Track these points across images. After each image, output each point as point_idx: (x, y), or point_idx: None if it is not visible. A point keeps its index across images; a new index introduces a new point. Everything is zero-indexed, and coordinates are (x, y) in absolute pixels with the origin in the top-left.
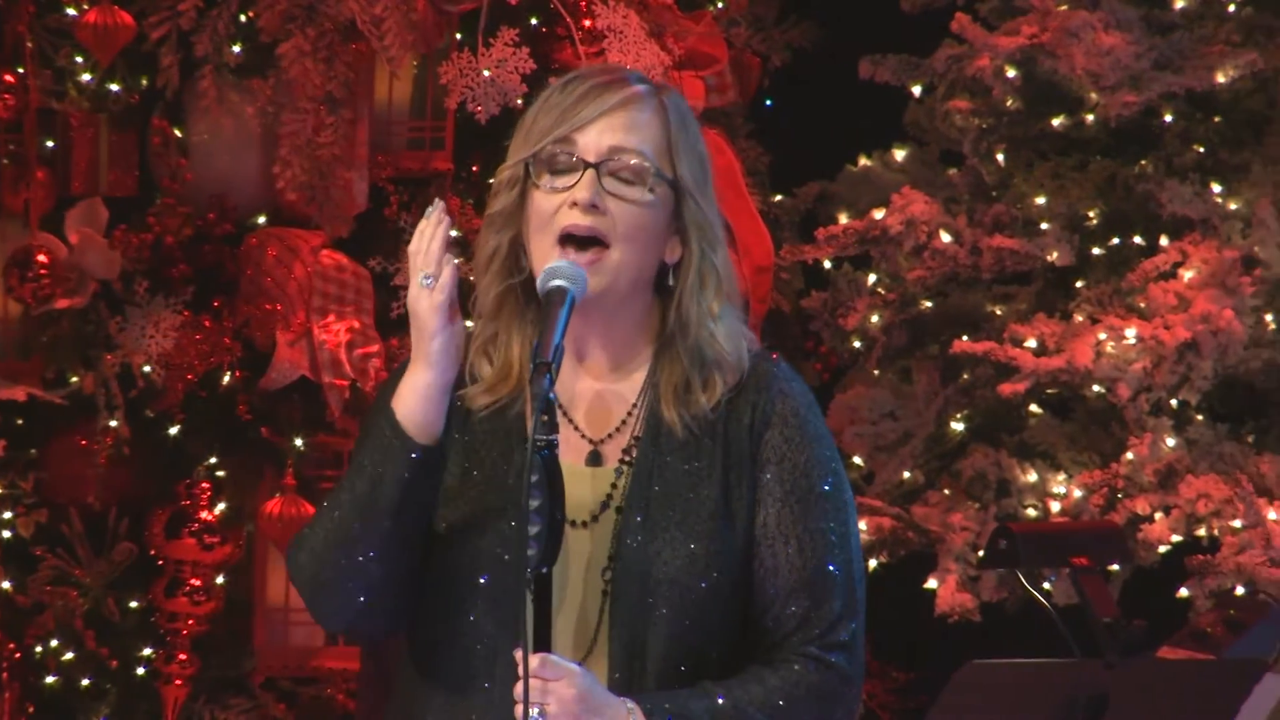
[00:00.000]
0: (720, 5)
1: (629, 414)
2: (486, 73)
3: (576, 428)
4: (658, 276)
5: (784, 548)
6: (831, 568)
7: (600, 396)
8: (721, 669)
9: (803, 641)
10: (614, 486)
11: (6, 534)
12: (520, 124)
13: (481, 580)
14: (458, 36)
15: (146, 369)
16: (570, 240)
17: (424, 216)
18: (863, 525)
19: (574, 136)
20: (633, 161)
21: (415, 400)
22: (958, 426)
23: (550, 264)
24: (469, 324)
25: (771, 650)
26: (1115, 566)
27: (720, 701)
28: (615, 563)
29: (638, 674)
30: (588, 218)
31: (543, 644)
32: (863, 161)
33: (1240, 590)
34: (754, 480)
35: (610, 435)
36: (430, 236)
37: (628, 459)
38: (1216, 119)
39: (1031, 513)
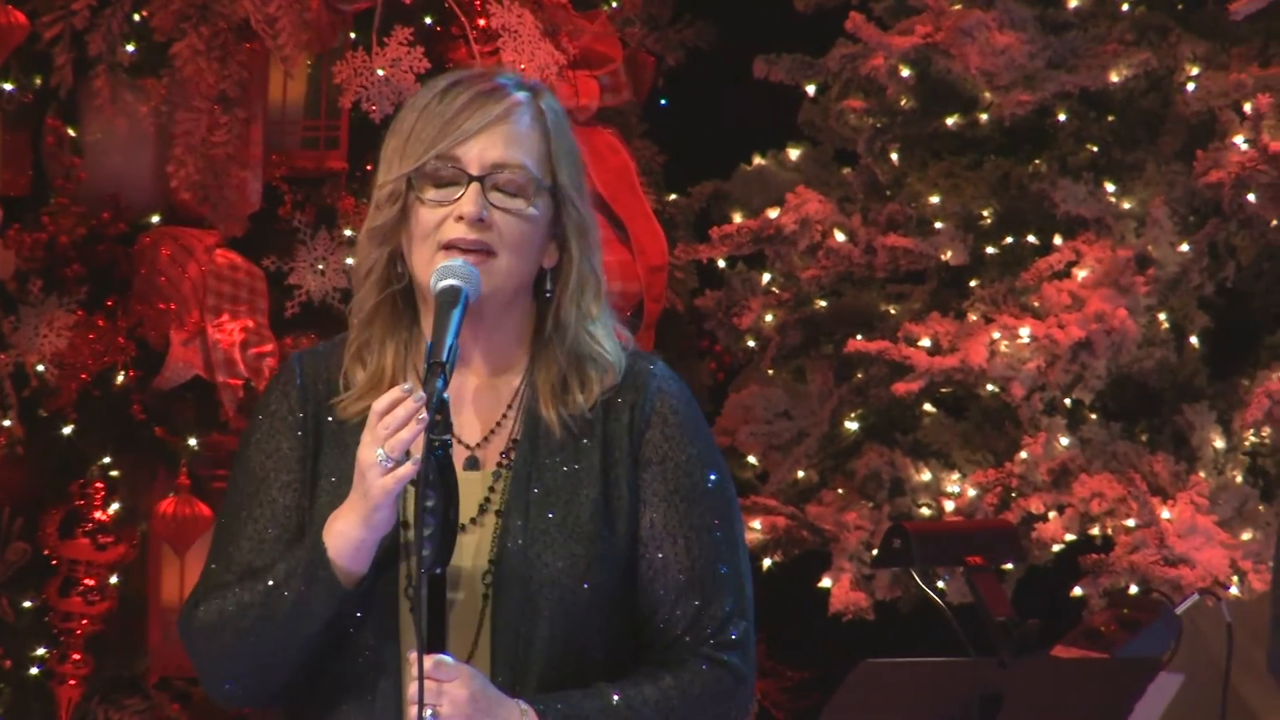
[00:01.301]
0: (615, 4)
1: (504, 417)
2: (381, 72)
3: (453, 437)
4: (535, 281)
5: (671, 548)
6: (720, 566)
7: (476, 401)
8: (608, 670)
9: (695, 641)
10: (492, 490)
11: None
12: (395, 130)
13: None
14: (352, 36)
15: (40, 368)
16: (454, 252)
17: (403, 389)
18: (756, 525)
19: (457, 150)
20: (517, 175)
21: (349, 550)
22: (852, 426)
23: (444, 263)
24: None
25: (664, 650)
26: (1009, 565)
27: (615, 701)
28: (496, 566)
29: (520, 676)
30: (473, 231)
31: (436, 646)
32: (757, 161)
33: (1134, 589)
34: (635, 481)
35: (487, 439)
36: (402, 422)
37: (506, 462)
38: (1110, 118)
39: (925, 512)
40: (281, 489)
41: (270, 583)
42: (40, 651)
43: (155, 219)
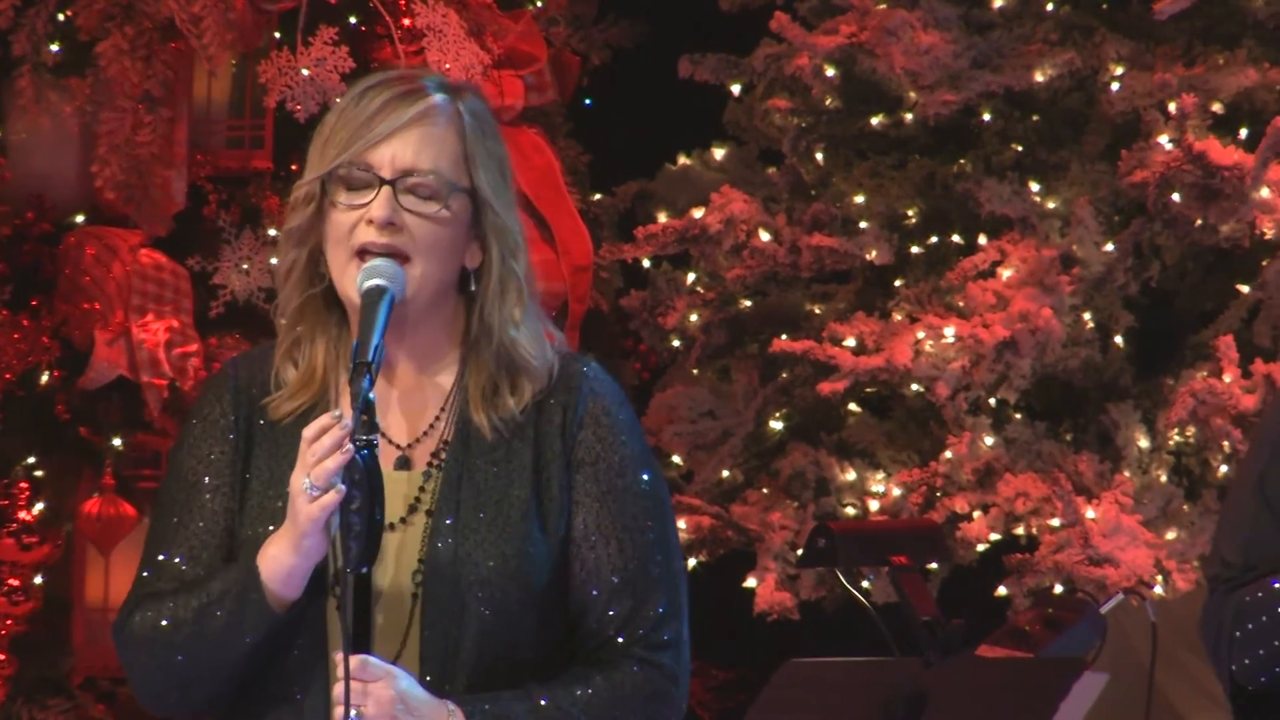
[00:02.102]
0: (539, 4)
1: (437, 418)
2: (305, 71)
3: (383, 433)
4: (462, 280)
5: (604, 548)
6: (653, 567)
7: (407, 401)
8: (539, 670)
9: (628, 642)
10: (423, 490)
11: None
12: (318, 131)
13: None
14: (277, 35)
15: None
16: (368, 255)
17: (332, 416)
18: (682, 524)
19: (368, 154)
20: (428, 179)
21: (281, 575)
22: (777, 425)
23: (370, 263)
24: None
25: (596, 651)
26: (934, 565)
27: (543, 703)
28: (425, 565)
29: (449, 676)
30: (384, 235)
31: (361, 645)
32: (682, 160)
33: (1058, 589)
34: (567, 482)
35: (418, 439)
36: (328, 452)
37: (437, 462)
38: (1035, 118)
39: (850, 511)
40: (212, 494)
41: (204, 601)
42: None
43: (80, 219)
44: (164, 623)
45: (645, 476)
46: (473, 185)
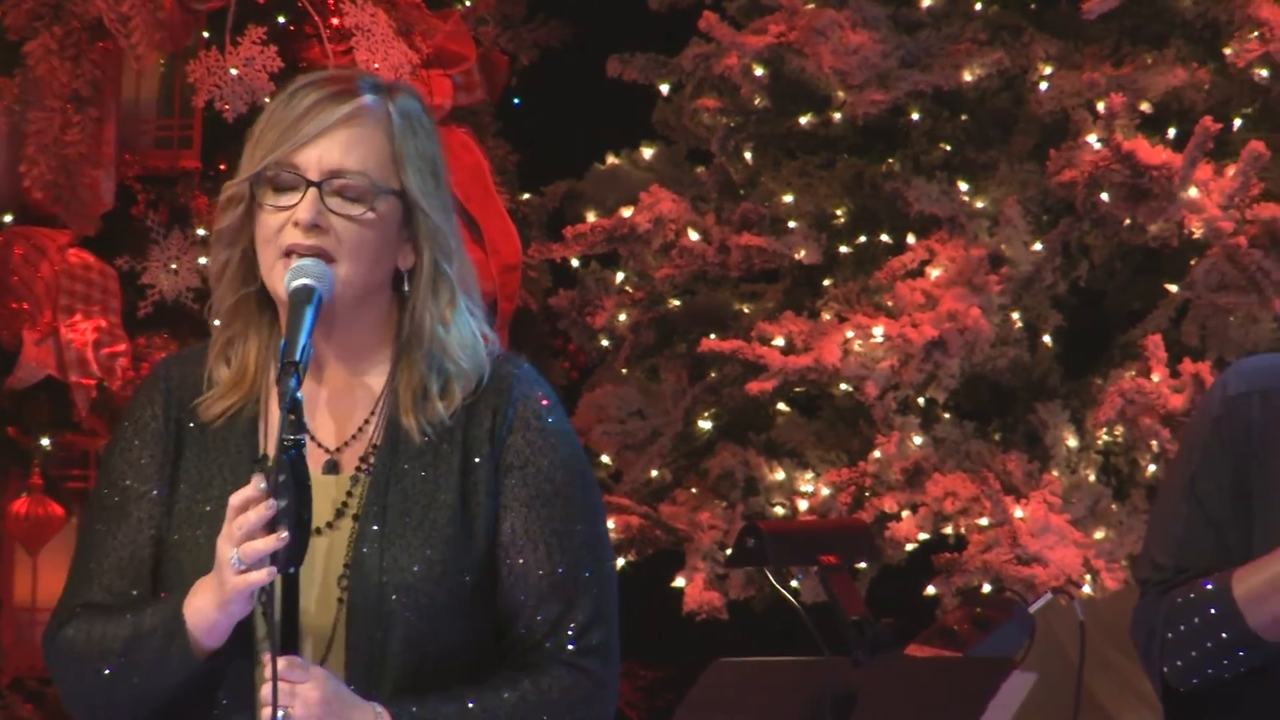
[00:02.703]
0: (468, 4)
1: (366, 421)
2: (234, 71)
3: (312, 436)
4: (396, 280)
5: (533, 553)
6: (583, 571)
7: (336, 403)
8: (468, 674)
9: (556, 646)
10: (350, 494)
11: None
12: (251, 133)
13: None
14: (205, 35)
15: None
16: (295, 255)
17: (259, 488)
18: (611, 524)
19: (295, 156)
20: (355, 181)
21: (204, 626)
22: (705, 425)
23: (296, 262)
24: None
25: (525, 655)
26: (863, 564)
27: (470, 706)
28: (351, 570)
29: (375, 681)
30: (310, 237)
31: (289, 646)
32: (611, 160)
33: (987, 588)
34: (496, 486)
35: (347, 443)
36: (255, 528)
37: (365, 466)
38: (963, 117)
39: (779, 511)
40: (138, 500)
41: (132, 633)
42: None
43: (8, 218)
44: (93, 646)
45: (575, 480)
46: (402, 187)
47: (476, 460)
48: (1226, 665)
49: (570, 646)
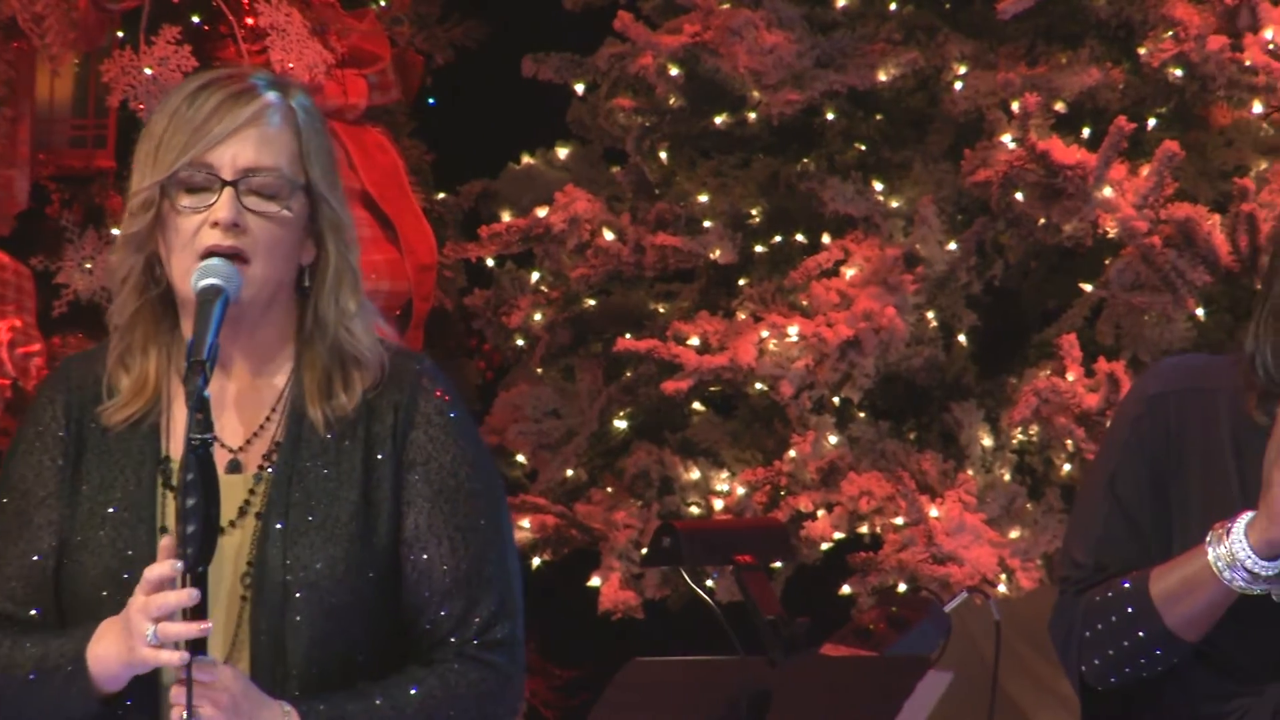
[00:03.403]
0: (383, 3)
1: (268, 419)
2: (149, 70)
3: (216, 436)
4: (297, 277)
5: (436, 549)
6: (486, 567)
7: (241, 403)
8: (373, 671)
9: (461, 642)
10: (253, 493)
11: None
12: (146, 134)
13: (104, 594)
14: (120, 34)
15: None
16: (213, 257)
17: (174, 567)
18: (525, 524)
19: (208, 156)
20: (270, 178)
21: (107, 675)
22: (621, 424)
23: (204, 262)
24: None
25: (430, 651)
26: (778, 564)
27: (378, 703)
28: (255, 569)
29: (280, 680)
30: (229, 237)
31: (196, 647)
32: (526, 159)
33: (902, 587)
34: (399, 482)
35: (249, 441)
36: (171, 610)
37: (268, 464)
38: (878, 117)
39: (695, 510)
40: (40, 506)
41: (36, 662)
42: None
43: None
44: (1, 664)
45: (478, 476)
46: (309, 181)
47: (379, 457)
48: (1143, 664)
49: (476, 641)
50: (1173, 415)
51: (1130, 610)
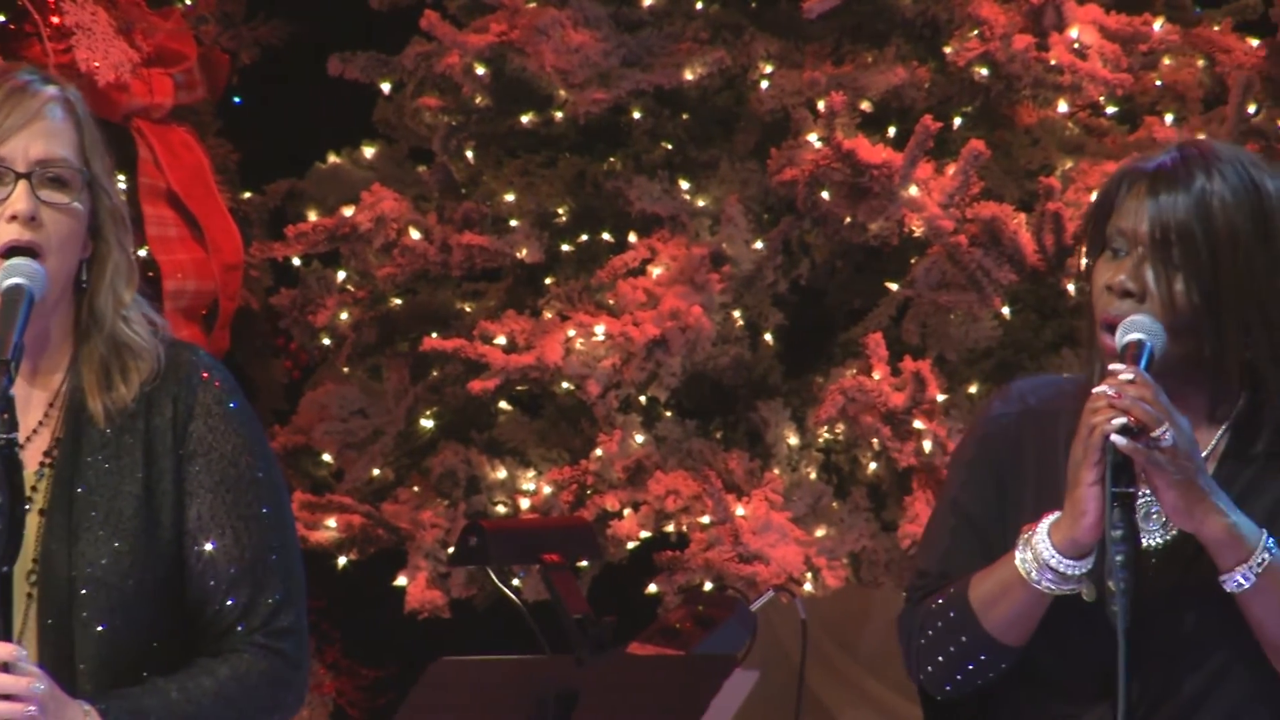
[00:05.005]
0: (189, 2)
1: (47, 415)
2: None
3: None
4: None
5: (220, 538)
6: (270, 555)
7: (20, 400)
8: (164, 664)
9: (249, 630)
10: (35, 489)
11: None
12: None
13: None
14: None
15: None
16: (13, 253)
17: (18, 653)
18: (332, 523)
19: (0, 150)
20: (62, 169)
21: None
22: (427, 424)
23: (8, 262)
24: None
25: (219, 641)
26: (585, 563)
27: (174, 696)
28: (40, 565)
29: (68, 677)
30: (28, 231)
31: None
32: (332, 159)
33: (709, 586)
34: (180, 474)
35: (30, 438)
36: (8, 690)
37: (49, 461)
38: (685, 116)
39: (501, 509)
40: None
41: None
42: None
43: None
44: None
45: (258, 465)
46: (91, 173)
47: (160, 450)
48: (973, 670)
49: (263, 630)
50: (1014, 435)
51: (953, 615)
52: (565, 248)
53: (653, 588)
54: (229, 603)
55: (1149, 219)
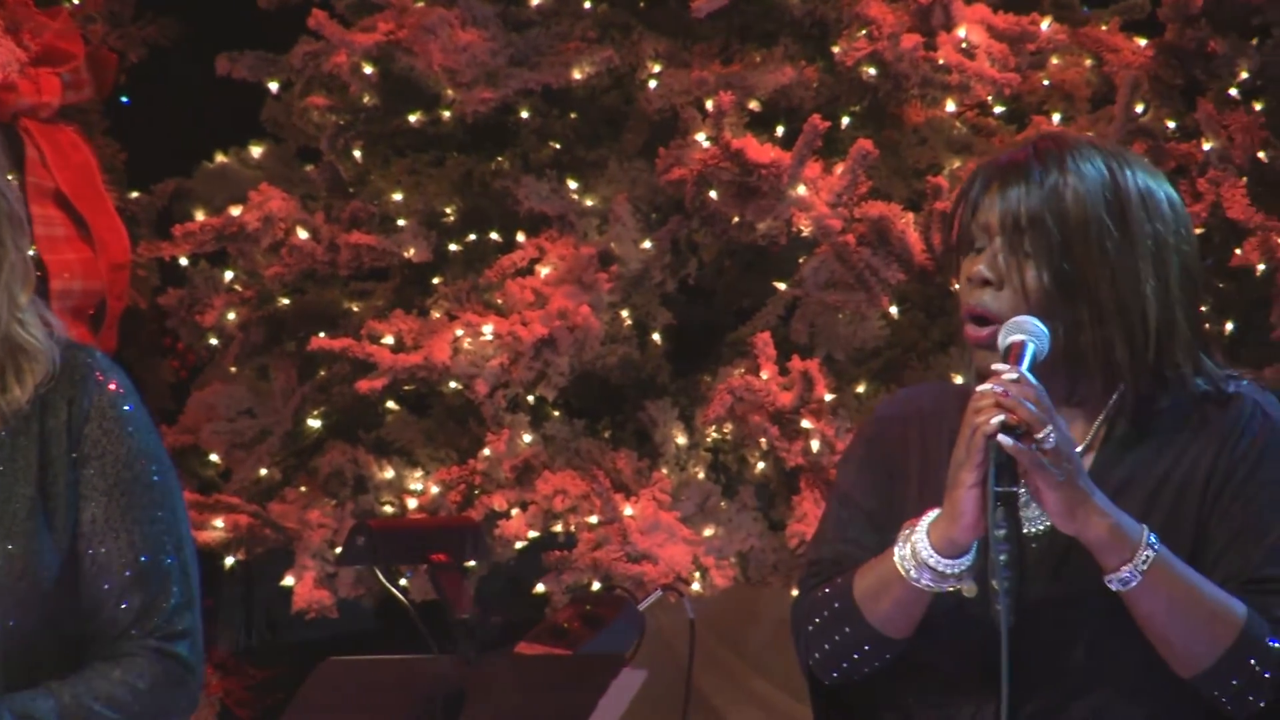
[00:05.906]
0: (76, 1)
1: None
2: None
3: None
4: None
5: (114, 542)
6: (165, 558)
7: None
8: (58, 668)
9: (143, 634)
10: None
11: None
12: None
13: None
14: None
15: None
16: None
17: None
18: (219, 523)
19: None
20: None
21: None
22: (315, 423)
23: None
24: None
25: (113, 644)
26: (472, 562)
27: (66, 700)
28: None
29: None
30: None
31: None
32: (220, 158)
33: (597, 586)
34: (74, 477)
35: None
36: None
37: None
38: (573, 115)
39: (389, 509)
40: None
41: None
42: None
43: None
44: None
45: (153, 468)
46: None
47: (54, 453)
48: (858, 660)
49: (157, 634)
50: (900, 434)
51: (838, 606)
52: (453, 247)
53: (540, 587)
54: (123, 606)
55: (999, 210)
